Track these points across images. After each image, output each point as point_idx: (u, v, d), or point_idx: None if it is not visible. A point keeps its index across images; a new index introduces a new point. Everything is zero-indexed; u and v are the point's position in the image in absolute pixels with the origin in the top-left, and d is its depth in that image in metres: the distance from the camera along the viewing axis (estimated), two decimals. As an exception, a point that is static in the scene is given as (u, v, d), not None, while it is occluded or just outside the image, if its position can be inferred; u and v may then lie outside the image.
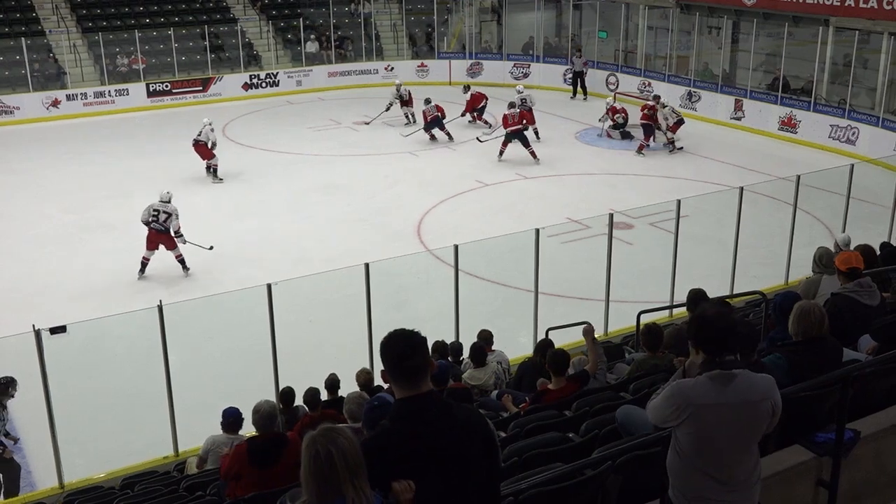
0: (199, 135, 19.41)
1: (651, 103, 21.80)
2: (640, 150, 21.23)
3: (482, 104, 24.09)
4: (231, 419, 7.44)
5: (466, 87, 25.11)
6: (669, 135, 21.32)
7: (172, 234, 14.08)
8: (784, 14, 23.39)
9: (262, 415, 6.31)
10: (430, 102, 22.67)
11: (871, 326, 5.85)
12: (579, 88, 27.83)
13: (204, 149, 19.43)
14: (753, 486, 3.63)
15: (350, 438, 2.85)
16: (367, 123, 24.67)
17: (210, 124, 19.71)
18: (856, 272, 6.14)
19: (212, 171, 19.57)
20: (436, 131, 22.79)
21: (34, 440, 9.08)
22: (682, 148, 21.45)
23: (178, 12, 30.09)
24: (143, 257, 14.06)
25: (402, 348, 3.15)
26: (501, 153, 20.52)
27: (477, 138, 21.88)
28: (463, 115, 23.83)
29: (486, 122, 24.04)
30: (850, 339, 5.65)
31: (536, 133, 22.27)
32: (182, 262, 14.28)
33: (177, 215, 14.10)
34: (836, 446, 4.56)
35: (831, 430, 4.60)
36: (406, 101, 24.58)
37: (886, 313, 6.25)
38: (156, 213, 14.04)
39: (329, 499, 2.80)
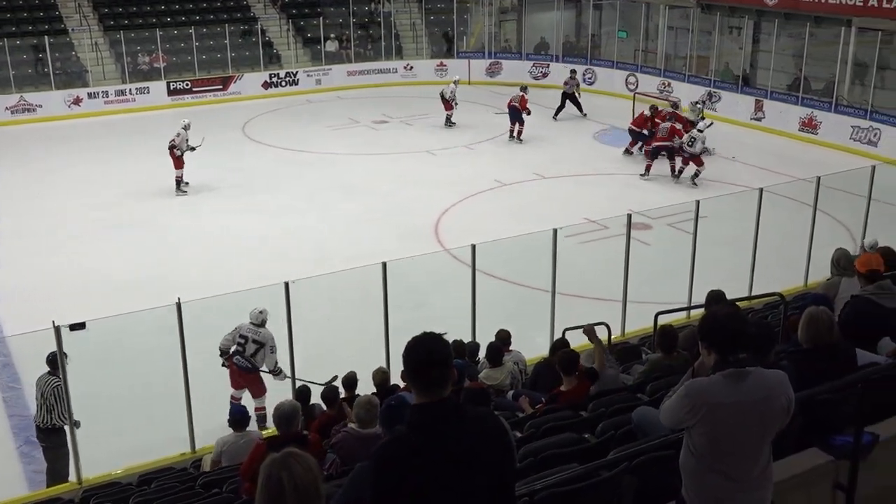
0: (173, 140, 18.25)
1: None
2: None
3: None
4: (238, 417, 7.49)
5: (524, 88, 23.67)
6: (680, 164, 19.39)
7: (267, 372, 10.30)
8: (806, 14, 23.23)
9: (282, 414, 6.28)
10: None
11: (891, 329, 5.80)
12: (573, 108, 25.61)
13: (175, 158, 18.28)
14: (766, 485, 3.63)
15: (308, 466, 2.79)
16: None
17: (186, 127, 18.44)
18: (875, 275, 6.10)
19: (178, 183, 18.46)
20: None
21: (53, 435, 9.16)
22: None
23: (199, 11, 30.27)
24: (232, 398, 10.26)
25: (426, 357, 3.11)
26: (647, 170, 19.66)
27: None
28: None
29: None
30: (870, 341, 5.61)
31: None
32: (263, 418, 10.12)
33: (273, 346, 10.21)
34: (854, 449, 4.53)
35: (849, 433, 4.57)
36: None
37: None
38: (242, 341, 10.23)
39: None
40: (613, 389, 6.93)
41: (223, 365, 10.37)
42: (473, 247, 10.76)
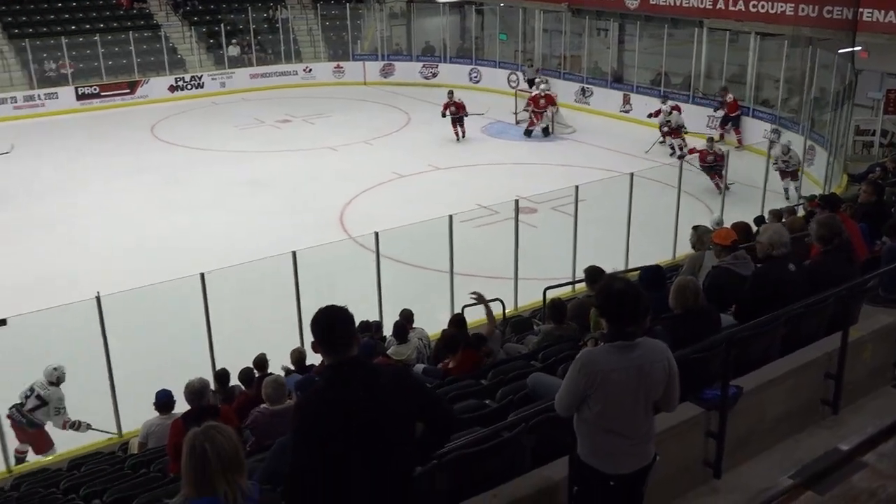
0: None
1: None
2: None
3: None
4: (164, 400, 7.33)
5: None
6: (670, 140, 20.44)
7: (61, 428, 9.06)
8: (663, 16, 23.93)
9: (192, 389, 6.40)
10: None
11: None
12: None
13: None
14: (651, 439, 3.77)
15: (229, 436, 2.82)
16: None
17: None
18: (731, 246, 6.35)
19: None
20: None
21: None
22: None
23: (103, 19, 29.10)
24: (17, 451, 9.03)
25: (328, 321, 3.19)
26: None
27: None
28: None
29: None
30: (730, 305, 5.84)
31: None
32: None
33: (58, 409, 8.96)
34: (721, 401, 4.74)
35: (717, 387, 4.77)
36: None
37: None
38: (28, 394, 8.92)
39: (205, 491, 2.78)
40: (508, 359, 7.05)
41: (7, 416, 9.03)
42: (377, 234, 10.77)
